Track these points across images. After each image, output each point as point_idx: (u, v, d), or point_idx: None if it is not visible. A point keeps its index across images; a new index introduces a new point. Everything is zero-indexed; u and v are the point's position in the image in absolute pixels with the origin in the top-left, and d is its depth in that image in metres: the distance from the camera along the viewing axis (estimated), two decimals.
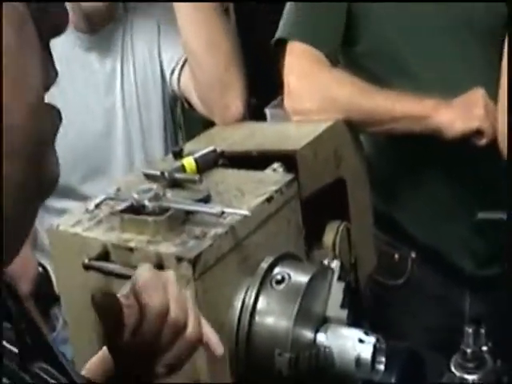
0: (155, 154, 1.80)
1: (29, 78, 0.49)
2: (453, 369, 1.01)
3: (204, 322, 0.84)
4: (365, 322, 1.59)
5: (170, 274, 0.84)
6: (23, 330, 0.48)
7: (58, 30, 0.53)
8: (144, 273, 0.80)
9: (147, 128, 1.80)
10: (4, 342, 0.42)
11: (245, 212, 1.07)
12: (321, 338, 1.00)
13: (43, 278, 1.77)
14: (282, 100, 1.61)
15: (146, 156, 1.80)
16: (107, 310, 0.76)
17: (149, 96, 1.79)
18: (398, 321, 1.70)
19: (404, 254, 1.70)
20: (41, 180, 0.52)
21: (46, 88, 0.52)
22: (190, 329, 0.81)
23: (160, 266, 1.01)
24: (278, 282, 1.01)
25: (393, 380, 1.18)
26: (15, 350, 0.43)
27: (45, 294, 1.73)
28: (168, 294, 0.80)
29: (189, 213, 1.10)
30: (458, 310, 1.64)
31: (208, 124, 1.66)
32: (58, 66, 0.55)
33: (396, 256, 1.71)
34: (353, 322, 1.03)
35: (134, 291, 0.79)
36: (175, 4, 1.55)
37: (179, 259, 0.98)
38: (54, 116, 0.53)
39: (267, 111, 2.64)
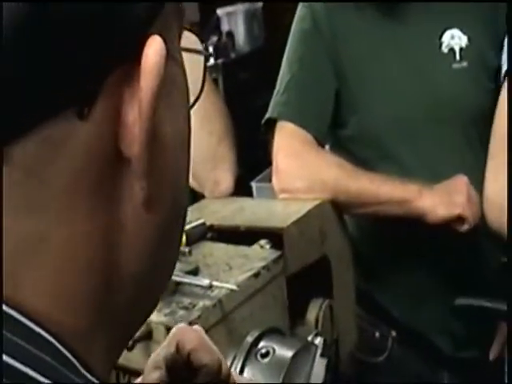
0: None
1: None
2: None
3: None
4: None
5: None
6: None
7: None
8: (190, 335, 0.78)
9: None
10: None
11: (232, 286, 1.10)
12: None
13: None
14: (269, 174, 1.65)
15: None
16: None
17: None
18: None
19: (384, 333, 1.73)
20: None
21: None
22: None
23: (149, 333, 1.04)
24: (263, 356, 1.04)
25: None
26: None
27: None
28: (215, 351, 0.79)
29: (178, 283, 1.14)
30: None
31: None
32: None
33: (377, 334, 1.73)
34: None
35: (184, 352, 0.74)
36: None
37: (168, 328, 1.01)
38: None
39: (253, 185, 2.69)
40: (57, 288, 0.42)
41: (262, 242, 1.30)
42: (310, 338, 1.10)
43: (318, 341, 1.09)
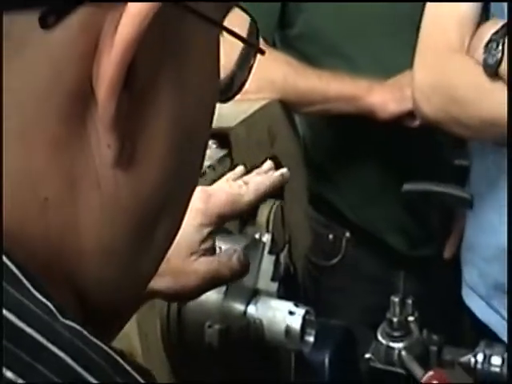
0: None
1: None
2: (379, 337, 1.01)
3: None
4: (301, 301, 1.59)
5: None
6: None
7: None
8: None
9: None
10: None
11: None
12: (251, 310, 1.00)
13: None
14: None
15: None
16: None
17: None
18: (334, 301, 1.70)
19: (338, 235, 1.70)
20: None
21: None
22: None
23: None
24: None
25: (326, 357, 1.18)
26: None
27: None
28: None
29: None
30: (393, 290, 1.64)
31: None
32: None
33: (330, 236, 1.70)
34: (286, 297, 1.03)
35: None
36: None
37: None
38: None
39: None
40: (9, 219, 0.37)
41: (209, 142, 1.26)
42: (257, 236, 1.07)
43: (266, 238, 1.06)
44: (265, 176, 0.88)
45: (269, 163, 0.91)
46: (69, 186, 0.38)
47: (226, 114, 1.38)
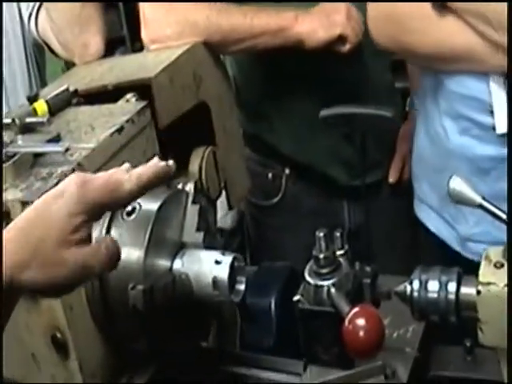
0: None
1: None
2: (307, 277, 0.97)
3: None
4: (246, 245, 1.56)
5: None
6: None
7: None
8: None
9: (9, 80, 1.69)
10: None
11: (90, 145, 1.02)
12: (177, 264, 0.95)
13: None
14: None
15: (10, 109, 1.66)
16: None
17: (9, 48, 1.68)
18: (278, 241, 1.68)
19: (277, 173, 1.67)
20: None
21: None
22: None
23: (7, 213, 0.95)
24: (129, 214, 0.96)
25: (272, 300, 1.15)
26: None
27: None
28: None
29: (37, 155, 1.05)
30: (338, 222, 1.61)
31: None
32: None
33: (270, 175, 1.67)
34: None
35: None
36: None
37: (24, 203, 0.93)
38: None
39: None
40: None
41: (128, 95, 1.21)
42: (179, 186, 1.02)
43: (189, 187, 1.02)
44: (149, 165, 0.79)
45: (156, 159, 0.81)
46: None
47: (148, 64, 1.34)
